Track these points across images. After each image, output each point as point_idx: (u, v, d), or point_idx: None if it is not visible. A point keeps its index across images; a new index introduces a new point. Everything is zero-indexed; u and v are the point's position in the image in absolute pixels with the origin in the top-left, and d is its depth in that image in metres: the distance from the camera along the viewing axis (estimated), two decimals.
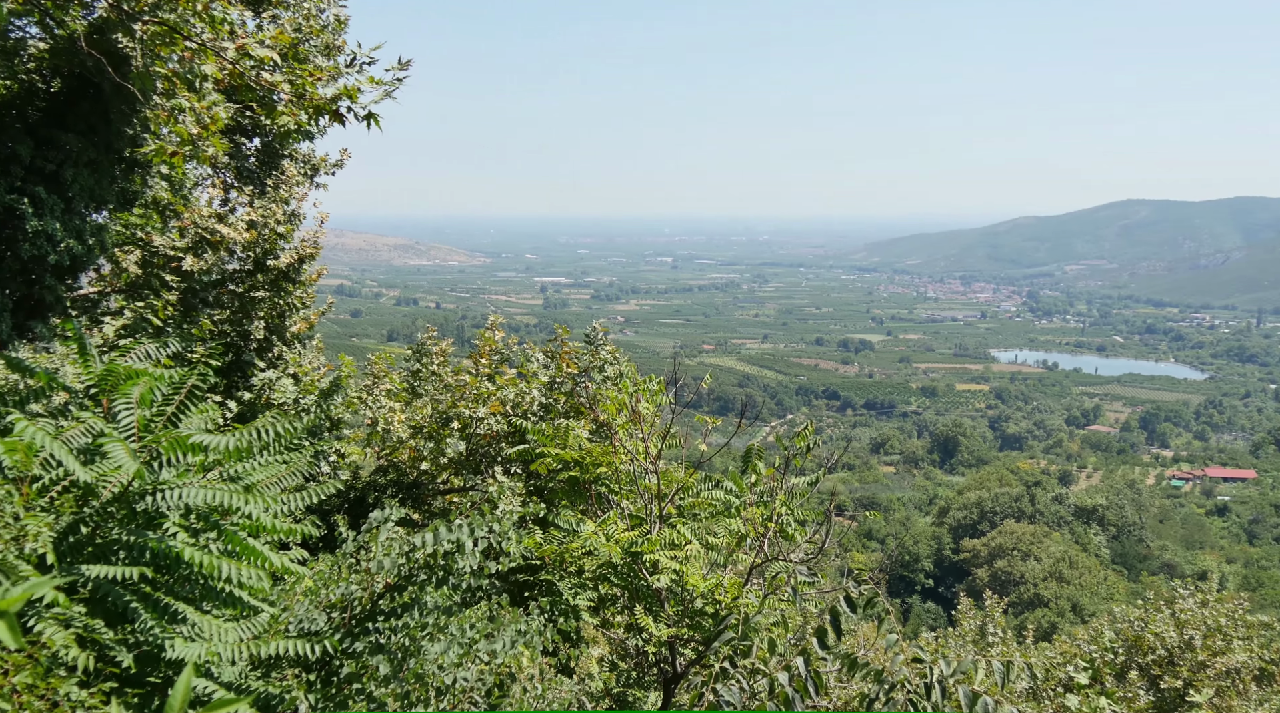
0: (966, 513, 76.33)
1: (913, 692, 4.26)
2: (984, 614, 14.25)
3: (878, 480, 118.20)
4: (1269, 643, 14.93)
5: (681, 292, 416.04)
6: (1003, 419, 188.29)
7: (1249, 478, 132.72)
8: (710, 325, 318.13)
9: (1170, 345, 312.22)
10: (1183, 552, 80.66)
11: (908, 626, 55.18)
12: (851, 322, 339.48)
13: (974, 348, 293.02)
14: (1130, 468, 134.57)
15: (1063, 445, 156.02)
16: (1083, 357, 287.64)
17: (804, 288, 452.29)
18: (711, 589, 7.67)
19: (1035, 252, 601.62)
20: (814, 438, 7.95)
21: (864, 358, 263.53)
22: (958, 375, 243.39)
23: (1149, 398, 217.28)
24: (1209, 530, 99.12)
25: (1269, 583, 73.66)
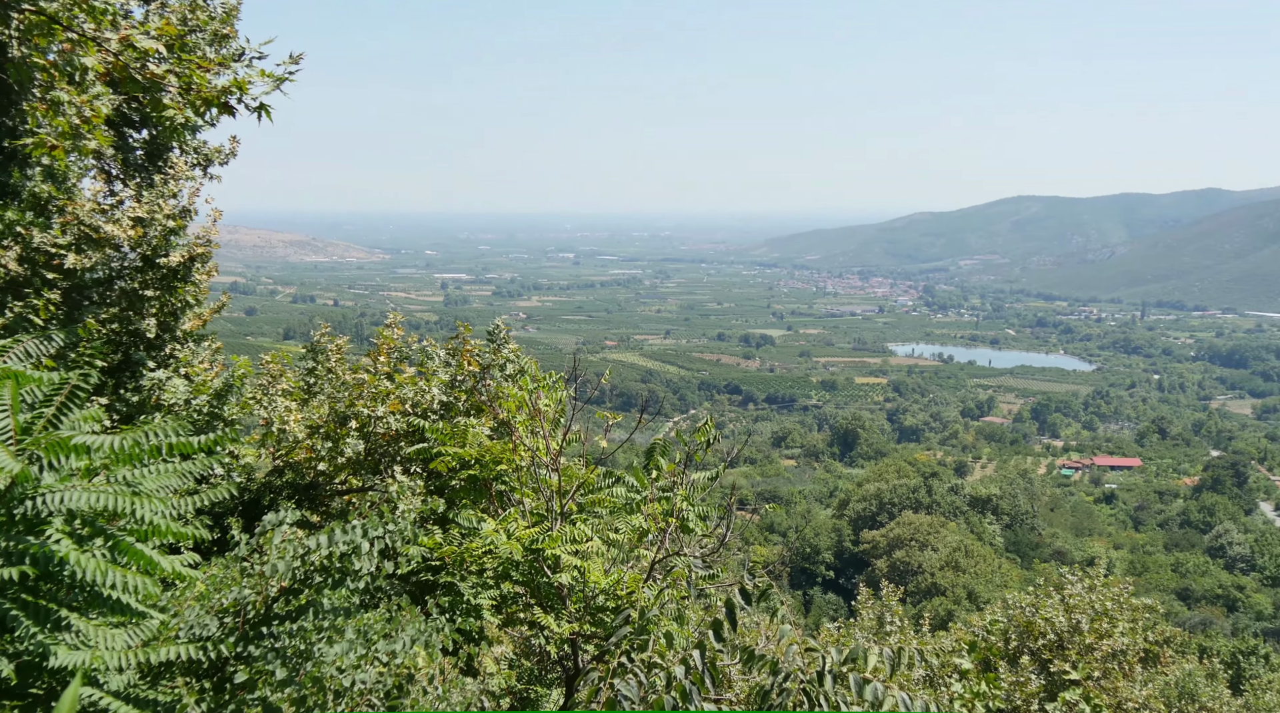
0: (866, 505, 77.50)
1: (806, 681, 4.32)
2: (882, 604, 14.49)
3: (779, 474, 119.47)
4: (1152, 626, 15.45)
5: (584, 288, 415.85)
6: (900, 412, 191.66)
7: (1134, 466, 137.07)
8: (613, 321, 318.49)
9: (1060, 338, 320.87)
10: (1073, 539, 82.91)
11: (810, 617, 55.94)
12: (753, 317, 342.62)
13: (872, 342, 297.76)
14: (1023, 458, 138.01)
15: (958, 437, 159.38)
16: (977, 350, 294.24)
17: (706, 283, 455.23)
18: (613, 585, 7.67)
19: (931, 247, 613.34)
20: (715, 433, 8.00)
21: (765, 353, 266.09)
22: (857, 369, 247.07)
23: (1040, 389, 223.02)
24: (1097, 518, 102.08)
25: (1153, 568, 76.19)
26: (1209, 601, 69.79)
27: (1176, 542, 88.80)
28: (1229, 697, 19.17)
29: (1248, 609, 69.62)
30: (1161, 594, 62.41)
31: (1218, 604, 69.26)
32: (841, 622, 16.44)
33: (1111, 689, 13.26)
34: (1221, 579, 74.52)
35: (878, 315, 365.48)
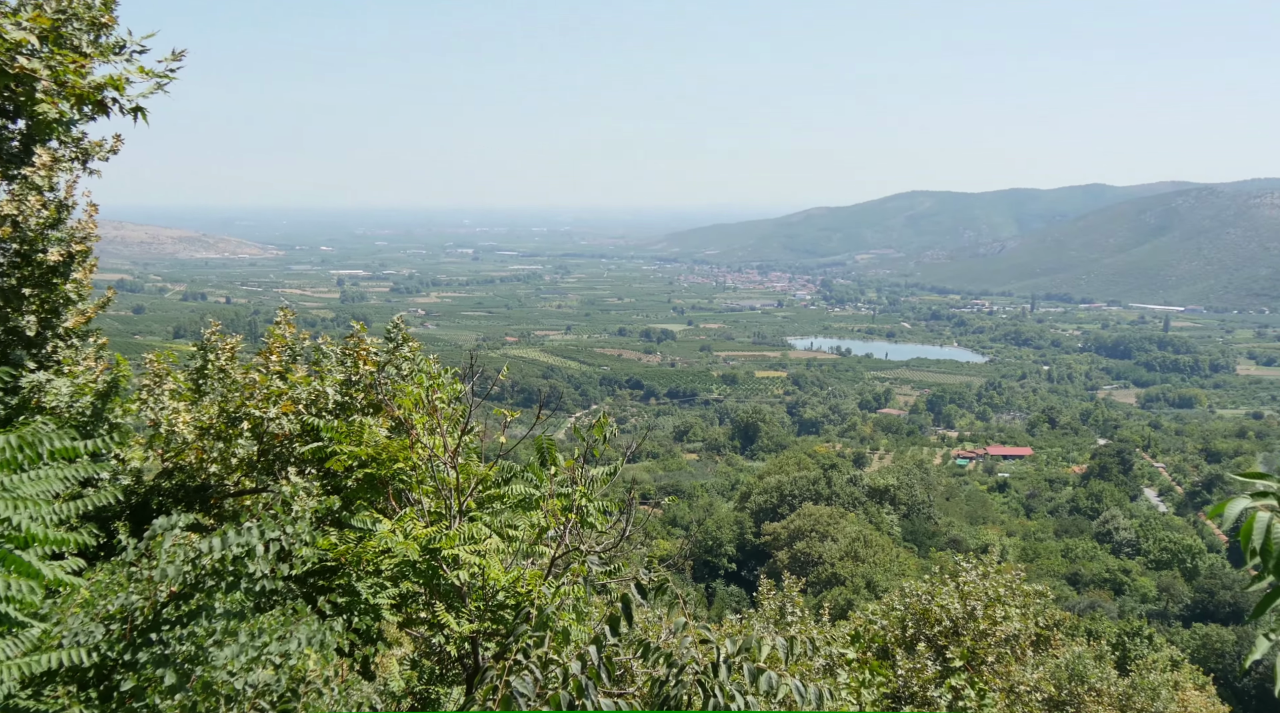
0: (767, 497, 78.20)
1: (701, 672, 4.35)
2: (783, 595, 14.66)
3: (681, 468, 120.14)
4: (1043, 610, 15.87)
5: (483, 283, 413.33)
6: (800, 405, 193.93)
7: (1026, 455, 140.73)
8: (513, 317, 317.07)
9: (954, 330, 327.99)
10: (968, 527, 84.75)
11: (713, 609, 56.28)
12: (653, 311, 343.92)
13: (772, 336, 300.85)
14: (919, 449, 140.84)
15: (857, 429, 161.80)
16: (874, 343, 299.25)
17: (606, 278, 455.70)
18: (513, 582, 7.64)
19: (828, 241, 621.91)
20: (615, 427, 8.00)
21: (666, 347, 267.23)
22: (757, 363, 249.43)
23: (935, 381, 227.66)
24: (991, 506, 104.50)
25: (1044, 554, 78.30)
26: (1097, 585, 71.90)
27: (1066, 528, 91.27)
28: (1116, 677, 19.78)
29: (1133, 592, 71.91)
30: (1052, 579, 64.16)
31: (1105, 588, 71.39)
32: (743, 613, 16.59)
33: (1004, 673, 13.60)
34: (1109, 564, 76.84)
35: (777, 309, 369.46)
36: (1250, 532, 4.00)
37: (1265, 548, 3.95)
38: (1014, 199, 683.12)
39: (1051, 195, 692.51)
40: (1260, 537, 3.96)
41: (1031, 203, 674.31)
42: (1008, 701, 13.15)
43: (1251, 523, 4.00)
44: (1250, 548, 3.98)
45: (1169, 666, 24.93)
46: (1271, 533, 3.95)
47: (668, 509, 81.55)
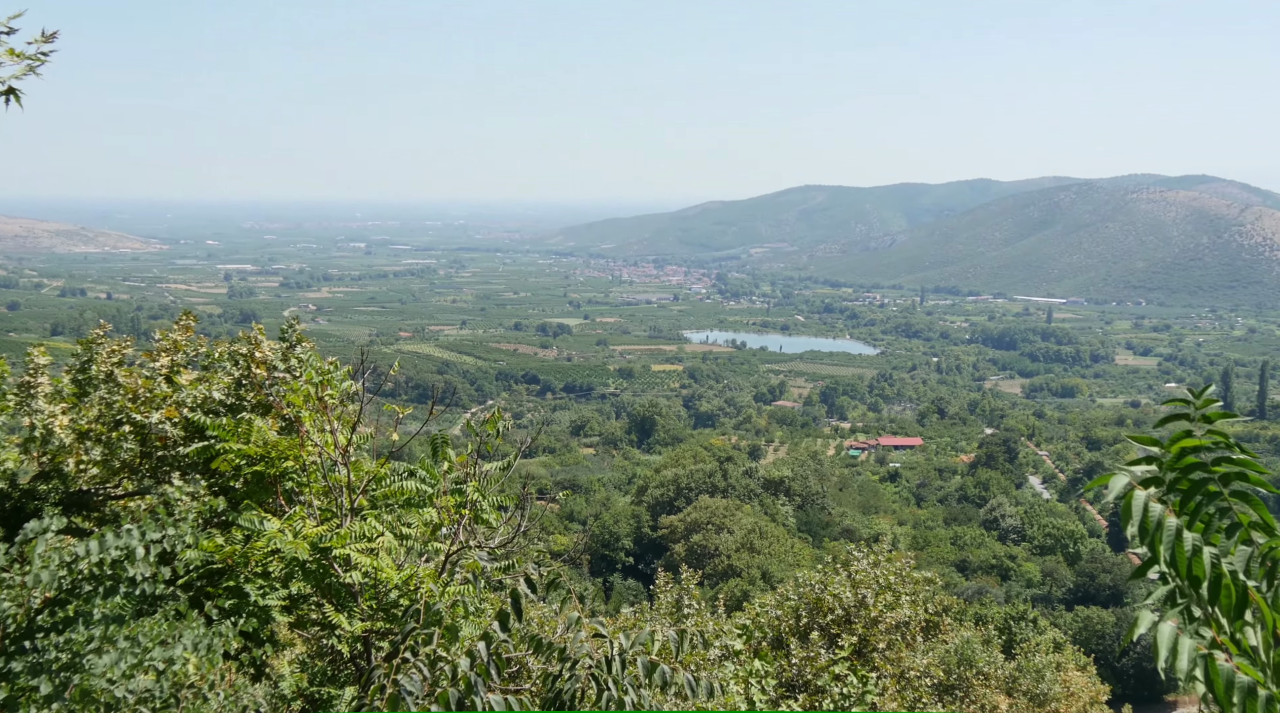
0: (664, 490, 78.54)
1: (594, 667, 4.36)
2: (680, 588, 14.74)
3: (578, 463, 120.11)
4: (932, 597, 16.22)
5: (376, 278, 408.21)
6: (696, 398, 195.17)
7: (916, 445, 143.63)
8: (407, 312, 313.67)
9: (846, 323, 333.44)
10: (860, 517, 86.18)
11: (611, 603, 56.41)
12: (549, 306, 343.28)
13: (668, 330, 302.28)
14: (813, 440, 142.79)
15: (752, 421, 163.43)
16: (769, 336, 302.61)
17: (501, 273, 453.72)
18: (406, 581, 7.55)
19: (723, 235, 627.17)
20: (510, 422, 7.95)
21: (562, 342, 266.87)
22: (653, 357, 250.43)
23: (828, 373, 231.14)
24: (883, 496, 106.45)
25: (934, 541, 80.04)
26: (984, 571, 73.70)
27: (955, 516, 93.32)
28: (1003, 661, 20.32)
29: (1019, 577, 73.90)
30: (941, 567, 65.57)
31: (992, 574, 73.22)
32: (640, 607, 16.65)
33: (895, 659, 13.87)
34: (995, 550, 78.80)
35: (673, 303, 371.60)
36: (1129, 508, 4.14)
37: (1142, 526, 4.09)
38: (904, 194, 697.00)
39: (940, 190, 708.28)
40: (1136, 514, 4.09)
41: (921, 197, 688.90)
42: (898, 686, 13.41)
43: (1131, 499, 4.14)
44: (1128, 523, 4.12)
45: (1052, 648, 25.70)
46: (1149, 510, 4.09)
47: (565, 504, 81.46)
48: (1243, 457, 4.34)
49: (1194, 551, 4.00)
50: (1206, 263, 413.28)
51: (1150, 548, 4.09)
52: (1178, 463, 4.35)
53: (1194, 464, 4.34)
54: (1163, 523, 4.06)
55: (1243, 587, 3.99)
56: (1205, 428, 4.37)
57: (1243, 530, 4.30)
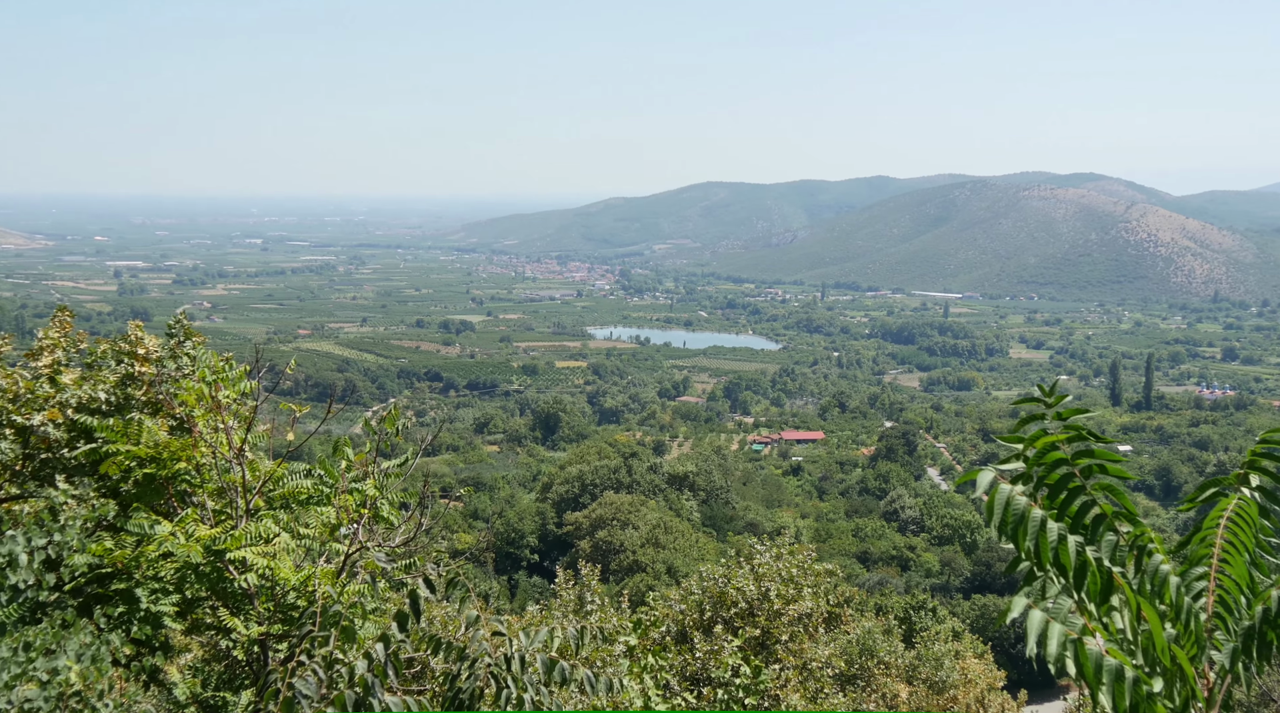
0: (568, 487, 78.41)
1: (493, 665, 4.32)
2: (582, 585, 14.72)
3: (483, 460, 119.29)
4: (834, 588, 16.44)
5: (274, 275, 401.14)
6: (600, 394, 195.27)
7: (818, 439, 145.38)
8: (306, 309, 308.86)
9: (749, 319, 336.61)
10: (764, 510, 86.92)
11: (516, 601, 56.16)
12: (452, 302, 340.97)
13: (572, 326, 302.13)
14: (717, 435, 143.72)
15: (656, 417, 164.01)
16: (672, 331, 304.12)
17: (403, 269, 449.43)
18: (304, 582, 7.41)
19: (626, 231, 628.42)
20: (412, 420, 7.86)
21: (465, 339, 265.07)
22: (557, 353, 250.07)
23: (732, 369, 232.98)
24: (786, 489, 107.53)
25: (836, 534, 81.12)
26: (885, 562, 74.91)
27: (856, 508, 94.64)
28: (903, 650, 20.68)
29: (919, 568, 75.28)
30: (843, 558, 66.56)
31: (893, 565, 74.46)
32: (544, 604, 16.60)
33: (797, 651, 14.02)
34: (896, 541, 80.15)
35: (576, 299, 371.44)
36: (993, 502, 4.24)
37: (1004, 519, 4.19)
38: (804, 190, 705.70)
39: (839, 187, 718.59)
40: (1000, 508, 4.20)
41: (821, 194, 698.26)
42: (801, 678, 13.56)
43: (995, 494, 4.24)
44: (992, 516, 4.22)
45: (951, 636, 26.21)
46: (1011, 504, 4.19)
47: (469, 502, 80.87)
48: (1102, 450, 4.48)
49: (1059, 539, 4.11)
50: (1095, 259, 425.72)
51: (1014, 540, 4.19)
52: (1042, 459, 4.48)
53: (1057, 460, 4.48)
54: (1027, 515, 4.17)
55: (1107, 573, 4.11)
56: (1060, 424, 4.50)
57: (1107, 520, 4.44)
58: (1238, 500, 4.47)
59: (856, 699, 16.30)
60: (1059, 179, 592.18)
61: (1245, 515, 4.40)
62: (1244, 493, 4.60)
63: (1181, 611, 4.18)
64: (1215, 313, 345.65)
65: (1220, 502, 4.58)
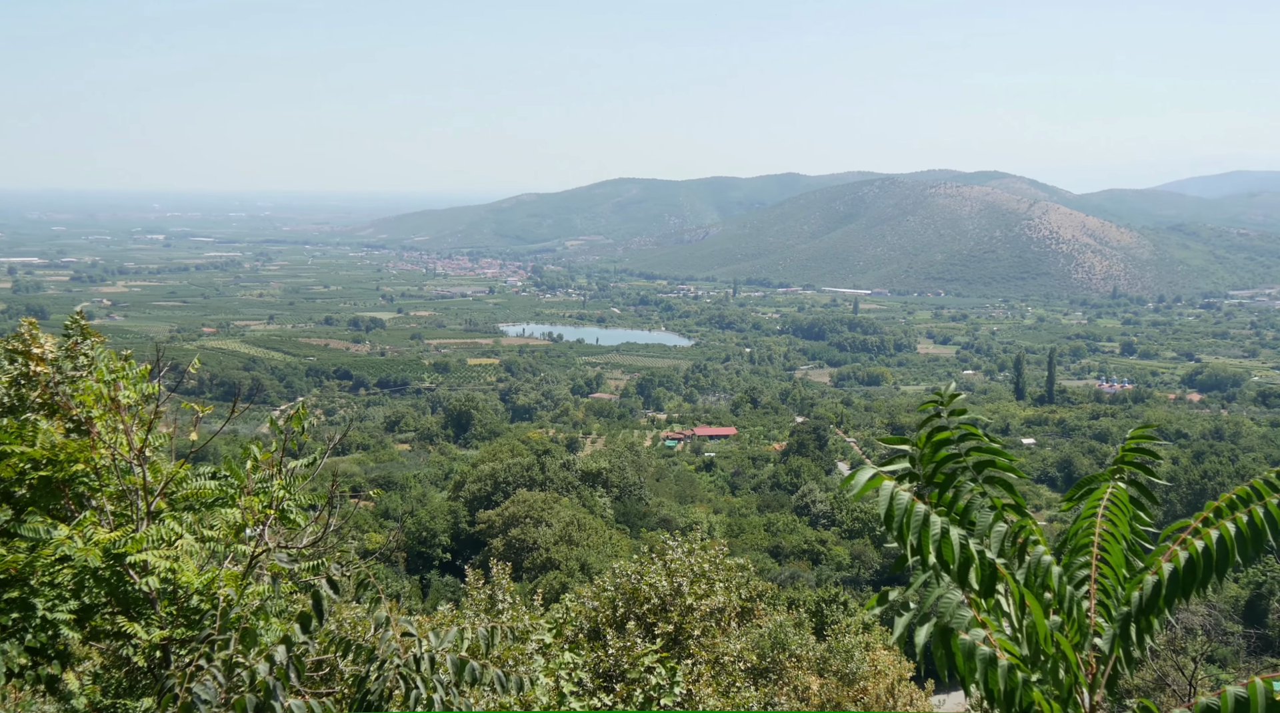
0: (481, 485, 77.96)
1: (403, 665, 4.28)
2: (493, 584, 14.63)
3: (393, 459, 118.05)
4: (746, 583, 16.56)
5: (177, 272, 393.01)
6: (513, 392, 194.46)
7: (730, 435, 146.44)
8: (211, 307, 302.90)
9: (662, 315, 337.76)
10: (677, 506, 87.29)
11: (428, 600, 55.69)
12: (362, 300, 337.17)
13: (484, 323, 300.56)
14: (630, 431, 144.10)
15: (569, 414, 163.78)
16: (585, 328, 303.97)
17: (311, 266, 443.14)
18: (208, 585, 7.25)
19: (538, 228, 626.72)
20: (321, 419, 7.74)
21: (376, 336, 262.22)
22: (469, 350, 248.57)
23: (645, 365, 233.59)
24: (699, 485, 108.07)
25: (749, 528, 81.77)
26: (797, 556, 75.69)
27: (768, 503, 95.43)
28: (814, 643, 20.91)
29: (829, 561, 76.18)
30: (755, 553, 67.11)
31: (804, 558, 75.26)
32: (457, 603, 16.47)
33: (710, 646, 14.10)
34: (807, 535, 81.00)
35: (488, 296, 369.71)
36: (881, 499, 4.32)
37: (888, 514, 4.26)
38: (716, 187, 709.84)
39: (750, 184, 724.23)
40: (884, 504, 4.27)
41: (732, 190, 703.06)
42: (713, 672, 13.64)
43: (881, 492, 4.31)
44: (879, 514, 4.30)
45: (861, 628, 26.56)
46: (895, 499, 4.27)
47: (379, 502, 79.97)
48: (992, 445, 4.60)
49: (942, 534, 4.20)
50: (999, 255, 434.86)
51: (899, 536, 4.27)
52: (933, 456, 4.58)
53: (948, 456, 4.58)
54: (910, 510, 4.25)
55: (990, 565, 4.21)
56: (955, 421, 4.60)
57: (997, 513, 4.55)
58: (1111, 490, 4.61)
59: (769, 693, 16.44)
60: (965, 177, 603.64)
61: (1119, 504, 4.54)
62: (1117, 483, 4.75)
63: (1064, 599, 4.29)
64: (1114, 308, 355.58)
65: (1097, 490, 4.72)
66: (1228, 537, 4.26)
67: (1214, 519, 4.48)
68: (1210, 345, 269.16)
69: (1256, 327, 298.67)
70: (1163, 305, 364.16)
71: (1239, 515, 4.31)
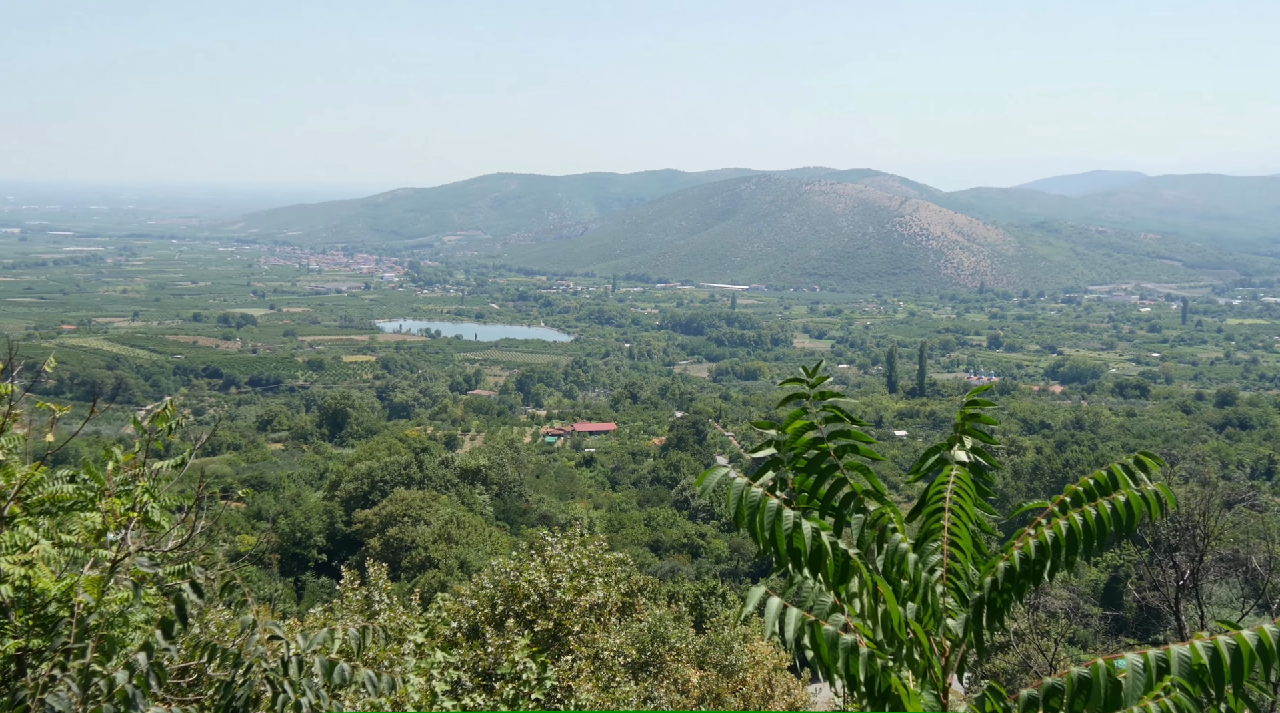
0: (358, 484, 76.73)
1: (270, 669, 4.17)
2: (370, 584, 14.41)
3: (266, 459, 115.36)
4: (626, 577, 16.60)
5: (34, 267, 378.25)
6: (390, 389, 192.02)
7: (610, 430, 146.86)
8: (71, 303, 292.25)
9: (541, 311, 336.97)
10: (557, 503, 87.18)
11: (303, 603, 54.68)
12: (232, 296, 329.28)
13: (359, 319, 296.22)
14: (510, 428, 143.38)
15: (448, 411, 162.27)
16: (463, 324, 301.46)
17: (178, 261, 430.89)
18: (66, 591, 6.97)
19: (415, 223, 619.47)
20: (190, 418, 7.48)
21: (247, 333, 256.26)
22: (344, 347, 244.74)
23: (524, 361, 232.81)
24: (579, 481, 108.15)
25: (629, 524, 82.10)
26: (677, 550, 76.19)
27: (648, 498, 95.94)
28: (694, 635, 21.07)
29: (709, 555, 76.89)
30: (635, 548, 67.39)
31: (684, 552, 75.80)
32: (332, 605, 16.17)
33: (590, 641, 14.09)
34: (687, 529, 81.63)
35: (364, 292, 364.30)
36: (728, 498, 4.36)
37: (738, 512, 4.31)
38: (595, 182, 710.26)
39: (629, 179, 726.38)
40: (734, 502, 4.32)
41: (611, 186, 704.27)
42: (593, 667, 13.64)
43: (730, 490, 4.36)
44: (729, 511, 4.34)
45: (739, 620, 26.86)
46: (746, 497, 4.32)
47: (252, 503, 78.12)
48: (855, 430, 4.68)
49: (794, 526, 4.26)
50: (872, 251, 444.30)
51: (751, 530, 4.33)
52: (796, 441, 4.64)
53: (811, 441, 4.65)
54: (762, 506, 4.30)
55: (843, 555, 4.28)
56: (820, 405, 4.67)
57: (856, 500, 4.64)
58: (955, 473, 4.71)
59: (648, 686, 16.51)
60: (839, 174, 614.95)
61: (963, 486, 4.64)
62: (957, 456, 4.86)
63: (919, 586, 4.39)
64: (981, 303, 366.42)
65: (941, 472, 4.82)
66: (1076, 528, 4.40)
67: (1069, 505, 4.62)
68: (1071, 339, 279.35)
69: (1114, 321, 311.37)
70: (1027, 300, 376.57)
71: (1087, 509, 4.45)
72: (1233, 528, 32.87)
